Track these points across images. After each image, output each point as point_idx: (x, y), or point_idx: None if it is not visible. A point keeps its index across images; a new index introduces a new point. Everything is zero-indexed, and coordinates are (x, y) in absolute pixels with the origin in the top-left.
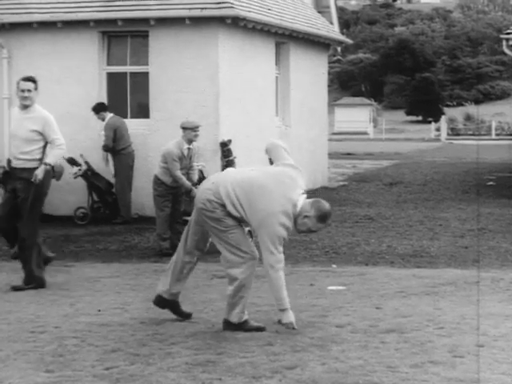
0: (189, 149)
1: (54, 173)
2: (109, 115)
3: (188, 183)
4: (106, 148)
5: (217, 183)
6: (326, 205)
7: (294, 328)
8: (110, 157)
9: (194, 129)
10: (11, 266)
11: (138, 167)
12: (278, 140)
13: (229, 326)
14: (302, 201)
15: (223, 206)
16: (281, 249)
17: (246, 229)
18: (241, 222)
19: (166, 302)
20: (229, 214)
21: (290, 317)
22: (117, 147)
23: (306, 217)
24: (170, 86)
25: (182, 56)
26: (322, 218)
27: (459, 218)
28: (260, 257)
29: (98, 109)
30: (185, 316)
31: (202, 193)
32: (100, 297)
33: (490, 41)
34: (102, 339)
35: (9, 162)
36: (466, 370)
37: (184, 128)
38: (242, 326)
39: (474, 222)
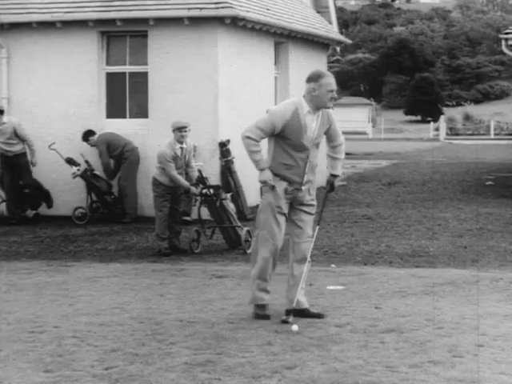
0: (181, 148)
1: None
2: (96, 136)
3: (185, 182)
4: (106, 165)
5: None
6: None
7: (272, 186)
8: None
9: (180, 129)
10: (11, 265)
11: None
12: None
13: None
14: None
15: None
16: (257, 132)
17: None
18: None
19: (295, 312)
20: None
21: (266, 175)
22: (116, 152)
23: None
24: (168, 85)
25: (181, 56)
26: (315, 76)
27: (458, 218)
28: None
29: (89, 134)
30: (316, 316)
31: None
32: (99, 297)
33: (489, 41)
34: (101, 339)
35: None
36: (465, 369)
37: (172, 129)
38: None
39: (472, 221)
